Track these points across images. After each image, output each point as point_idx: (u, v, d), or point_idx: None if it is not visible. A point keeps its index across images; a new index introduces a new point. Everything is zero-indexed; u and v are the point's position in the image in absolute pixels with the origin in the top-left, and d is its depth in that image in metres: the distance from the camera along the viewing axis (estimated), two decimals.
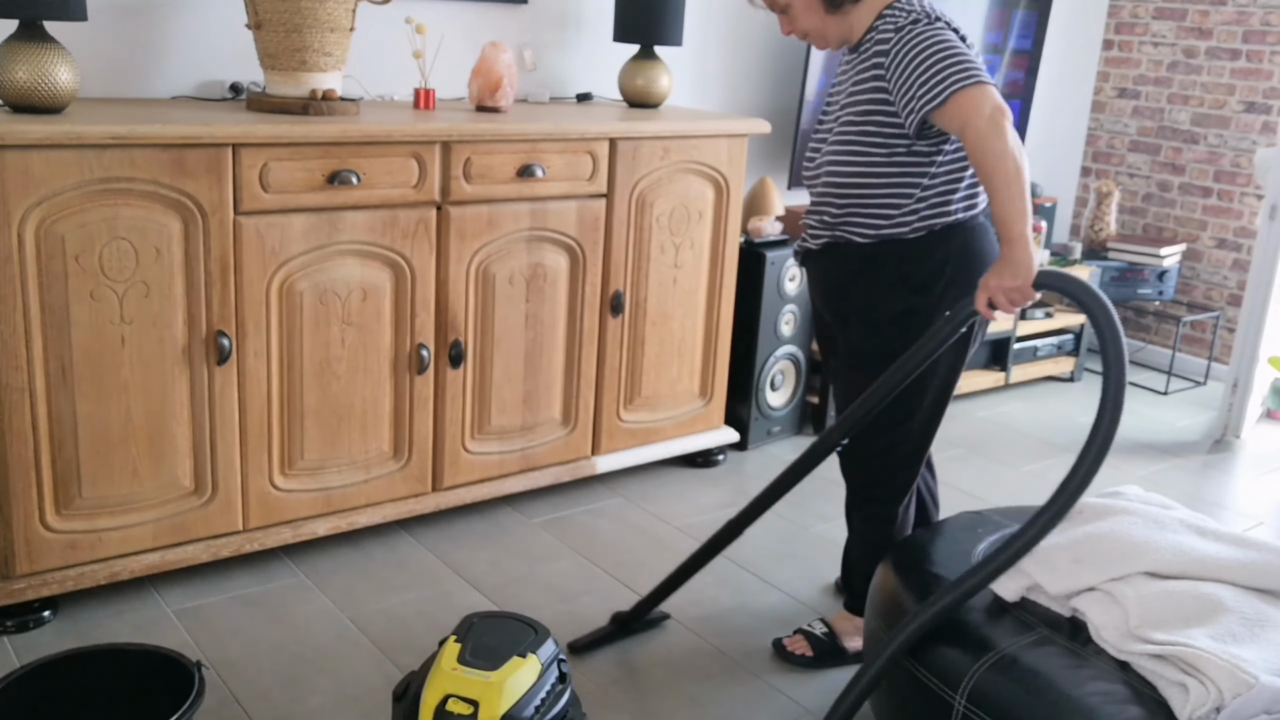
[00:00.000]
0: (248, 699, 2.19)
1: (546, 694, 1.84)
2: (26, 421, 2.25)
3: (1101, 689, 1.69)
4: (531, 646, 1.87)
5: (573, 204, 2.89)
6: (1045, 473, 3.62)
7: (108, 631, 2.38)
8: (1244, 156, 4.55)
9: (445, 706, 1.76)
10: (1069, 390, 4.50)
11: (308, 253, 2.51)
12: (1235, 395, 3.97)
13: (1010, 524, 2.27)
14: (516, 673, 1.81)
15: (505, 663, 1.82)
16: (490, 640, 1.87)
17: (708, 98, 3.73)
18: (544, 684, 1.84)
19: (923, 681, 1.82)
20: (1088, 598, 1.89)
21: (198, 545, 2.52)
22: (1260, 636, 1.74)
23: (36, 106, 2.25)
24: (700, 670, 2.39)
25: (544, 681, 1.84)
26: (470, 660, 1.82)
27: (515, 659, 1.83)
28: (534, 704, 1.80)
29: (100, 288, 2.27)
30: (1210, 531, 2.01)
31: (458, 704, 1.76)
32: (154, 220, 2.30)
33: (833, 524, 3.10)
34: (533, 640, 1.89)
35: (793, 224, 3.79)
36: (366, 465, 2.72)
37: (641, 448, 3.25)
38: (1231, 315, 4.61)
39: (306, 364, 2.57)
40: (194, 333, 2.40)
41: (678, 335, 3.23)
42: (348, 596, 2.58)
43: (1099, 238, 4.72)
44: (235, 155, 2.36)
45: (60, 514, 2.34)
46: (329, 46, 2.61)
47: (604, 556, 2.85)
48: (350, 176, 2.50)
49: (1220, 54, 4.57)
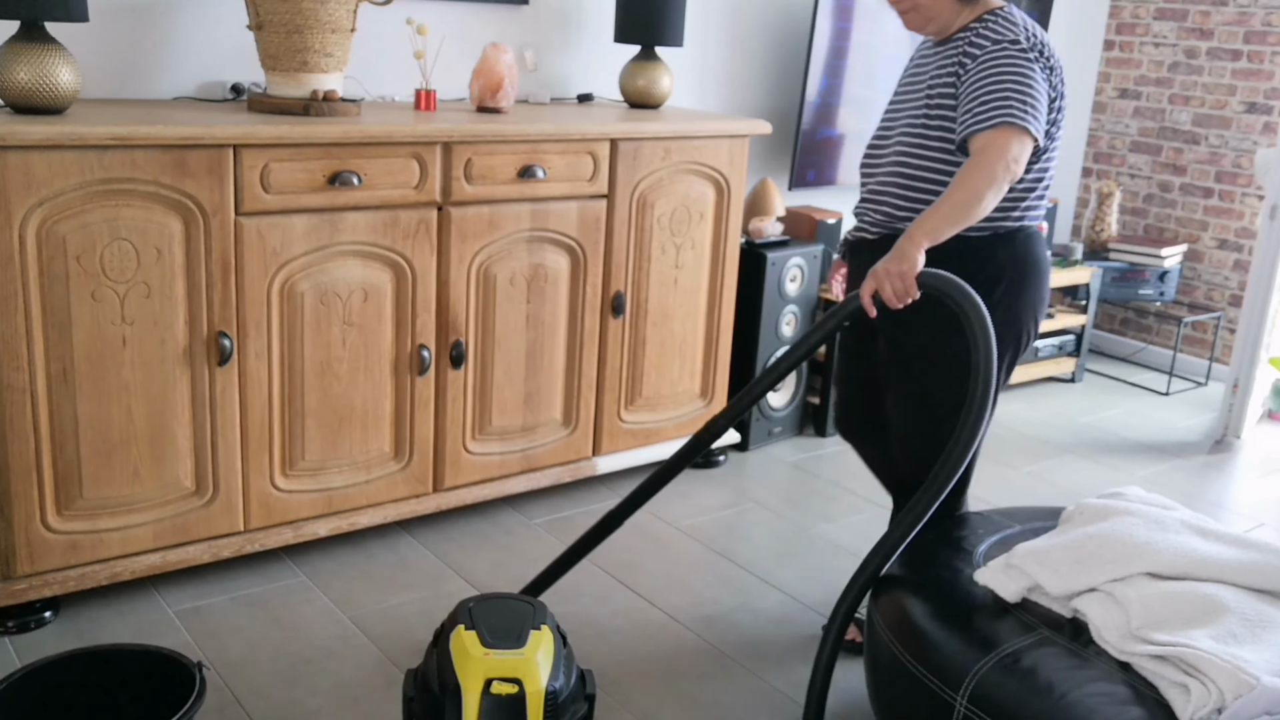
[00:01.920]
0: (249, 699, 2.19)
1: (565, 657, 1.88)
2: (28, 422, 2.25)
3: (1103, 690, 1.69)
4: (540, 618, 1.91)
5: (574, 205, 2.89)
6: (1046, 473, 3.62)
7: (109, 632, 2.39)
8: (1245, 157, 4.55)
9: (490, 690, 1.77)
10: (1070, 391, 4.50)
11: (309, 253, 2.51)
12: (1236, 396, 3.97)
13: (1012, 524, 2.27)
14: (541, 645, 1.84)
15: (528, 638, 1.85)
16: (499, 621, 1.89)
17: (709, 99, 3.73)
18: (560, 649, 1.89)
19: (924, 682, 1.82)
20: (1089, 598, 1.89)
21: (199, 546, 2.52)
22: (1261, 637, 1.74)
23: (38, 107, 2.25)
24: (700, 670, 2.39)
25: (559, 647, 1.89)
26: (494, 642, 1.83)
27: (534, 632, 1.86)
28: (561, 670, 1.84)
29: (101, 288, 2.27)
30: (1211, 532, 2.01)
31: (502, 685, 1.78)
32: (155, 221, 2.30)
33: (834, 524, 3.10)
34: (537, 612, 1.93)
35: (794, 225, 3.80)
36: (368, 466, 2.72)
37: (642, 448, 3.25)
38: (1232, 316, 4.61)
39: (308, 365, 2.57)
40: (195, 333, 2.40)
41: (679, 336, 3.23)
42: (349, 597, 2.58)
43: (1100, 238, 4.72)
44: (236, 156, 2.36)
45: (61, 514, 2.34)
46: (330, 47, 2.61)
47: (605, 557, 2.85)
48: (351, 177, 2.51)
49: (1221, 54, 4.57)
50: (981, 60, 2.06)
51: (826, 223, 3.82)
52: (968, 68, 2.08)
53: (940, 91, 2.14)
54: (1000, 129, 2.00)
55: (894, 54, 3.94)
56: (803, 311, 3.61)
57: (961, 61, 2.10)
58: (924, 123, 2.16)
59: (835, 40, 3.72)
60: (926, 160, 2.16)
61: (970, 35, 2.11)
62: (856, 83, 3.86)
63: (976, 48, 2.08)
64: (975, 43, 2.09)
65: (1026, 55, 2.04)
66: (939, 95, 2.14)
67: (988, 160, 1.98)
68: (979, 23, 2.11)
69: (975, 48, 2.08)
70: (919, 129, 2.17)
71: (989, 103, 2.02)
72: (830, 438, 3.76)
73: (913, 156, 2.18)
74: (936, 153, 2.15)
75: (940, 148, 2.15)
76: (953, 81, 2.11)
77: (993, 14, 2.11)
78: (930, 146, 2.16)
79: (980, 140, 2.02)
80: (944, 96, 2.13)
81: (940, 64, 2.15)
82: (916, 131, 2.18)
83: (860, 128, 3.93)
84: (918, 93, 2.20)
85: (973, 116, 2.03)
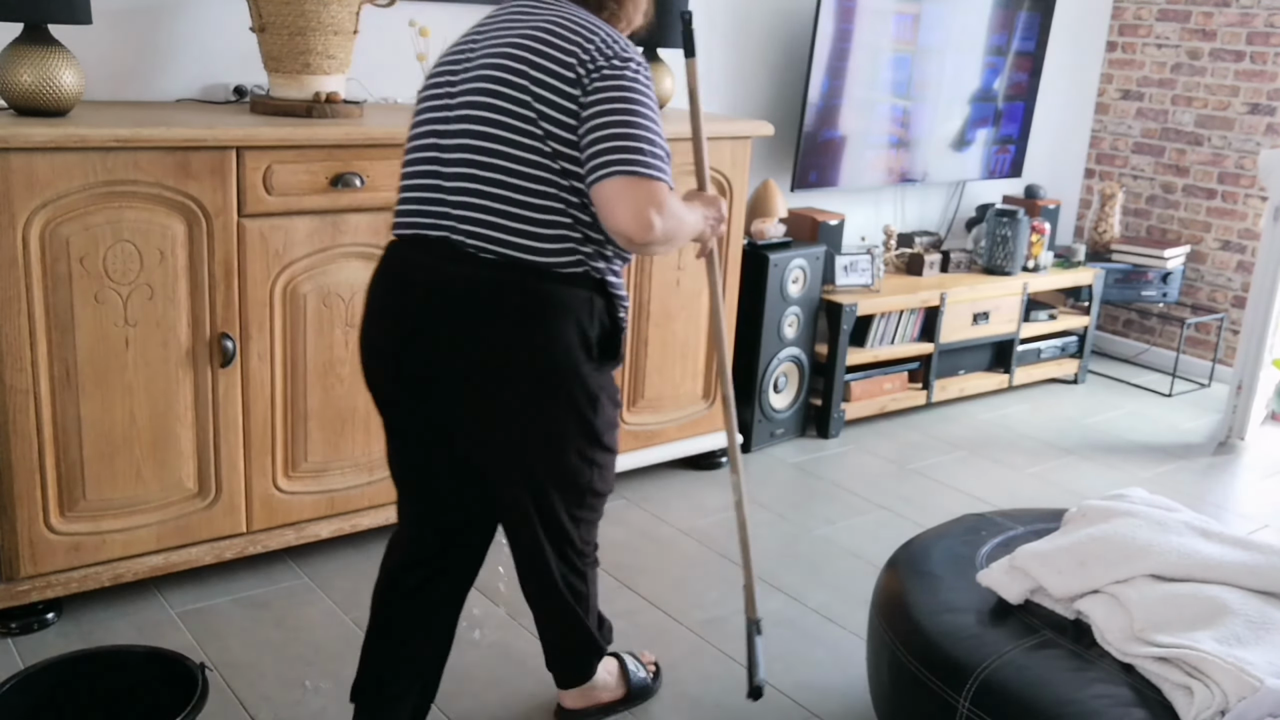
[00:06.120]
0: (251, 700, 2.19)
1: None
2: (31, 424, 2.25)
3: (1105, 692, 1.69)
4: None
5: None
6: (1049, 475, 3.61)
7: (111, 633, 2.39)
8: (1248, 158, 4.55)
9: None
10: (1072, 392, 4.49)
11: (311, 255, 2.51)
12: (1239, 397, 3.96)
13: (1014, 526, 2.27)
14: None
15: None
16: None
17: (711, 100, 3.73)
18: None
19: (926, 684, 1.82)
20: (1092, 600, 1.88)
21: (201, 547, 2.52)
22: (1265, 639, 1.74)
23: (41, 109, 2.26)
24: (700, 671, 2.39)
25: None
26: None
27: None
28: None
29: (105, 290, 2.28)
30: (1214, 534, 2.01)
31: None
32: (158, 223, 2.31)
33: (836, 526, 3.10)
34: None
35: (796, 226, 3.79)
36: (370, 467, 2.72)
37: (644, 449, 3.25)
38: (1235, 317, 4.61)
39: (310, 366, 2.57)
40: (198, 335, 2.41)
41: (680, 337, 3.23)
42: (351, 598, 2.58)
43: (1103, 240, 4.72)
44: (239, 158, 2.36)
45: (64, 516, 2.34)
46: (332, 49, 2.61)
47: (606, 558, 2.84)
48: (354, 179, 2.51)
49: (1224, 55, 4.57)
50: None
51: (829, 224, 3.82)
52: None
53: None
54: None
55: (896, 55, 3.94)
56: (805, 313, 3.61)
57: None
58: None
59: (837, 42, 3.72)
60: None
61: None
62: (859, 84, 3.85)
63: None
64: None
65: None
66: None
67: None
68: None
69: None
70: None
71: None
72: (833, 439, 3.76)
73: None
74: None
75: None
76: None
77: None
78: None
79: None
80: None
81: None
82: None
83: (863, 129, 3.93)
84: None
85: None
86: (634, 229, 1.67)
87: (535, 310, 1.73)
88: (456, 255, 1.73)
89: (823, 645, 2.52)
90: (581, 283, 1.77)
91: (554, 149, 1.70)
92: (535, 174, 1.71)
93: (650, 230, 1.68)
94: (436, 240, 1.75)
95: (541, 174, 1.71)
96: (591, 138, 1.68)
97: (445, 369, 1.76)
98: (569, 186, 1.71)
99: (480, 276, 1.73)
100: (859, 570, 2.83)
